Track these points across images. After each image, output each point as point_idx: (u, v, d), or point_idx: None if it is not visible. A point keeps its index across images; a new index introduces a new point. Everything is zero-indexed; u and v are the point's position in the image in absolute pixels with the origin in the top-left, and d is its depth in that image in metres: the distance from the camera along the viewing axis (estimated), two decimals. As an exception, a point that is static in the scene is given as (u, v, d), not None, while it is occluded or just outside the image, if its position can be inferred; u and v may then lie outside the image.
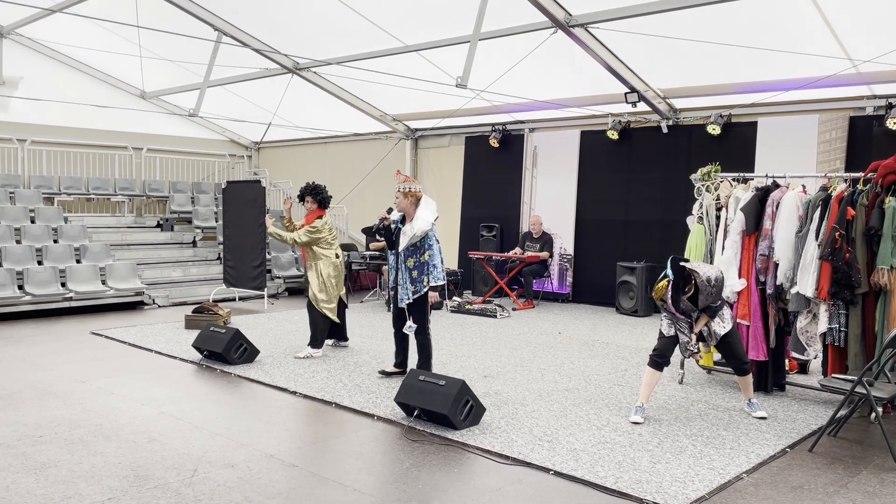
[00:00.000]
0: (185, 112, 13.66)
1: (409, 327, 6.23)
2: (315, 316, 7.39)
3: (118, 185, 14.16)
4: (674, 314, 5.26)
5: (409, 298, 6.22)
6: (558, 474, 4.27)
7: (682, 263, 5.28)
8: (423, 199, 6.24)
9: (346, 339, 7.87)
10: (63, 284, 10.35)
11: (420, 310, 6.24)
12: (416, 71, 10.43)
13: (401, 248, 6.23)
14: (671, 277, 5.21)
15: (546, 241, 11.19)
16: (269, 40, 10.96)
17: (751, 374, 5.50)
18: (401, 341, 6.57)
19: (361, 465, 4.42)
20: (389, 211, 6.43)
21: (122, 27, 10.63)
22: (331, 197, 7.69)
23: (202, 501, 3.85)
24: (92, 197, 13.80)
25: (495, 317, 10.01)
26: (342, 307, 7.65)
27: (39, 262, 10.62)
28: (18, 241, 10.99)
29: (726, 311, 5.38)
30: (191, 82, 12.99)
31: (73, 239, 11.49)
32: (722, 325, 5.33)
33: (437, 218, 6.21)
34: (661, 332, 5.42)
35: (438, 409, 4.99)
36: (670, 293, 5.18)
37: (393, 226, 6.36)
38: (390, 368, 6.62)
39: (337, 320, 7.53)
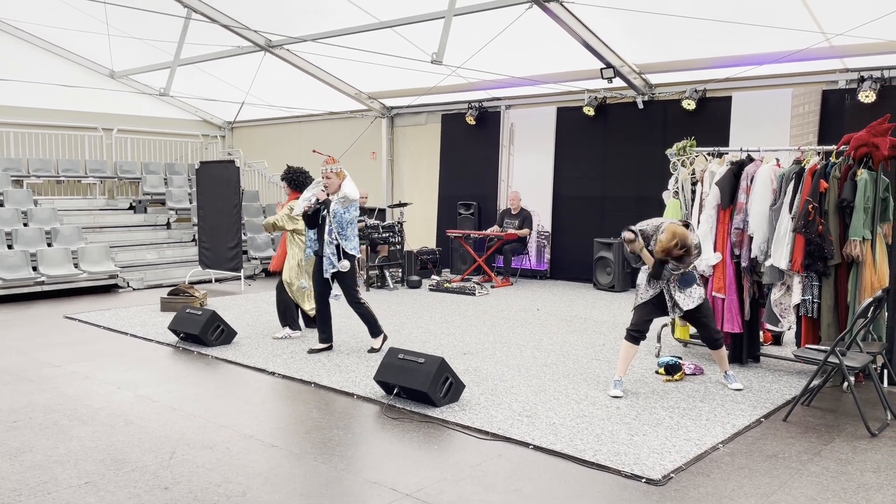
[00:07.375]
0: (155, 91, 13.41)
1: (335, 296, 6.56)
2: (284, 297, 7.33)
3: (89, 167, 13.90)
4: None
5: (333, 268, 6.45)
6: (538, 448, 4.30)
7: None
8: (347, 178, 6.62)
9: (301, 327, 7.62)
10: (34, 268, 10.17)
11: (346, 279, 6.52)
12: (391, 47, 10.30)
13: (331, 211, 6.43)
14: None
15: (525, 217, 11.18)
16: (240, 17, 10.74)
17: (725, 348, 5.56)
18: (324, 318, 6.71)
19: (341, 444, 4.42)
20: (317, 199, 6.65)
21: (88, 4, 10.36)
22: (309, 180, 7.44)
23: (181, 483, 3.82)
24: (62, 179, 13.54)
25: (474, 294, 10.02)
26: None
27: (10, 247, 10.42)
28: (-13, 225, 10.78)
29: (696, 290, 5.34)
30: (161, 61, 12.73)
31: (43, 222, 11.28)
32: (687, 301, 5.30)
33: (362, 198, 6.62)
34: (635, 306, 5.46)
35: (418, 387, 5.00)
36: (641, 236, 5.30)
37: (320, 206, 6.53)
38: (317, 346, 6.74)
39: (306, 307, 7.37)
